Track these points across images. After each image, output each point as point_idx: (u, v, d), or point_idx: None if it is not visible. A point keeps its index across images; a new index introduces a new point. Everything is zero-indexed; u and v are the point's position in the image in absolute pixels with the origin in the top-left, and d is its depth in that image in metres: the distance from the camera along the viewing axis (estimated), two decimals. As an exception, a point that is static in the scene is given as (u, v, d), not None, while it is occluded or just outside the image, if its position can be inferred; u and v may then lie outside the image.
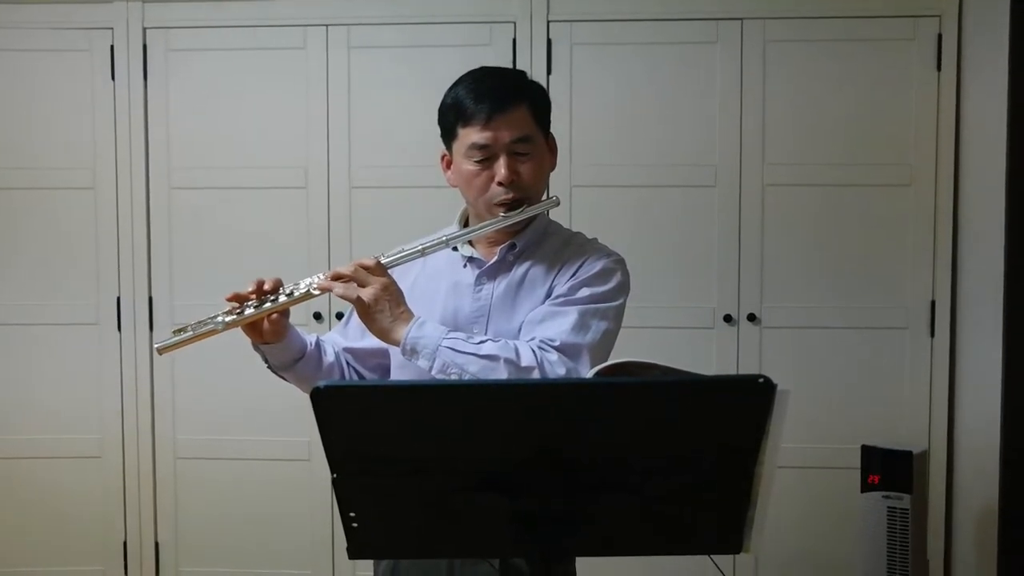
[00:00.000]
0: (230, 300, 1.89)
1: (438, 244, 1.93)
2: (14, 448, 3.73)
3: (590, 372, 1.69)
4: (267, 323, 1.91)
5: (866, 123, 3.52)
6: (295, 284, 1.90)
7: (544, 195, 2.01)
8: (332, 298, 3.35)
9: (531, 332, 1.89)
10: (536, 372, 1.80)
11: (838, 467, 3.51)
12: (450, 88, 1.96)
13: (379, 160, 3.63)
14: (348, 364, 2.10)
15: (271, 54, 3.64)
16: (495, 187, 1.92)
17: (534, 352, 1.82)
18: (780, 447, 1.41)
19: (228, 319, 1.86)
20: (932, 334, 3.52)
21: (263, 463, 3.69)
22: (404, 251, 1.91)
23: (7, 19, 3.66)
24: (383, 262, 1.88)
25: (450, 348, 1.82)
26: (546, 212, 2.06)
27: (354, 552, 1.50)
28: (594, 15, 3.56)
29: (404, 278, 1.95)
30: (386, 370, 2.07)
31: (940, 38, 3.46)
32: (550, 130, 2.01)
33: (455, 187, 2.00)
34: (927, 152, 3.49)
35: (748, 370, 3.50)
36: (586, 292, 1.92)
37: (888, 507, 3.32)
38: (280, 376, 2.04)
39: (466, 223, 2.02)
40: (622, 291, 1.97)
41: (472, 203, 1.98)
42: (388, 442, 1.40)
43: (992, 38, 3.39)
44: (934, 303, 3.52)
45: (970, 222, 3.49)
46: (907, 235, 3.52)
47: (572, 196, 3.53)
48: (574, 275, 1.95)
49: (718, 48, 3.54)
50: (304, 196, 3.65)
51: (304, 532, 3.70)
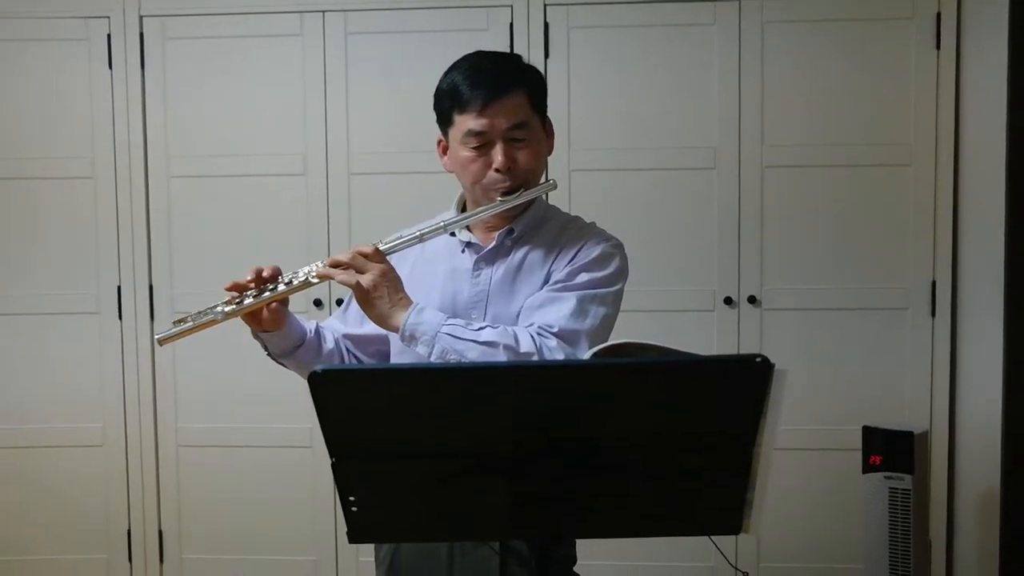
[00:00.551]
0: (229, 290, 1.89)
1: (436, 230, 1.92)
2: (17, 437, 3.74)
3: (588, 353, 1.69)
4: (266, 311, 1.91)
5: (865, 103, 3.51)
6: (294, 272, 1.90)
7: (542, 179, 2.01)
8: (332, 285, 3.35)
9: (530, 318, 1.89)
10: (535, 358, 1.80)
11: (839, 448, 3.52)
12: (445, 73, 1.95)
13: (377, 146, 3.62)
14: (348, 351, 2.10)
15: (268, 41, 3.63)
16: (492, 173, 1.91)
17: (533, 338, 1.82)
18: (779, 427, 1.41)
19: (228, 309, 1.86)
20: (933, 314, 3.52)
21: (265, 450, 3.70)
22: (402, 237, 1.91)
23: (4, 8, 3.65)
24: (381, 249, 1.88)
25: (449, 334, 1.82)
26: (544, 196, 2.06)
27: (354, 536, 1.50)
28: (591, -2, 3.55)
29: (402, 264, 1.95)
30: (386, 356, 2.07)
31: (939, 17, 3.45)
32: (547, 114, 2.01)
33: (451, 172, 2.00)
34: (927, 132, 3.48)
35: (749, 352, 3.50)
36: (585, 277, 1.92)
37: (890, 488, 3.31)
38: (280, 363, 2.05)
39: (463, 208, 2.02)
40: (621, 276, 1.97)
41: (469, 189, 1.98)
42: (387, 426, 1.41)
43: (991, 16, 3.37)
44: (935, 283, 3.51)
45: (970, 201, 3.48)
46: (907, 215, 3.52)
47: (571, 180, 3.53)
48: (572, 260, 1.95)
49: (716, 29, 3.52)
50: (303, 183, 3.65)
51: (306, 518, 3.71)
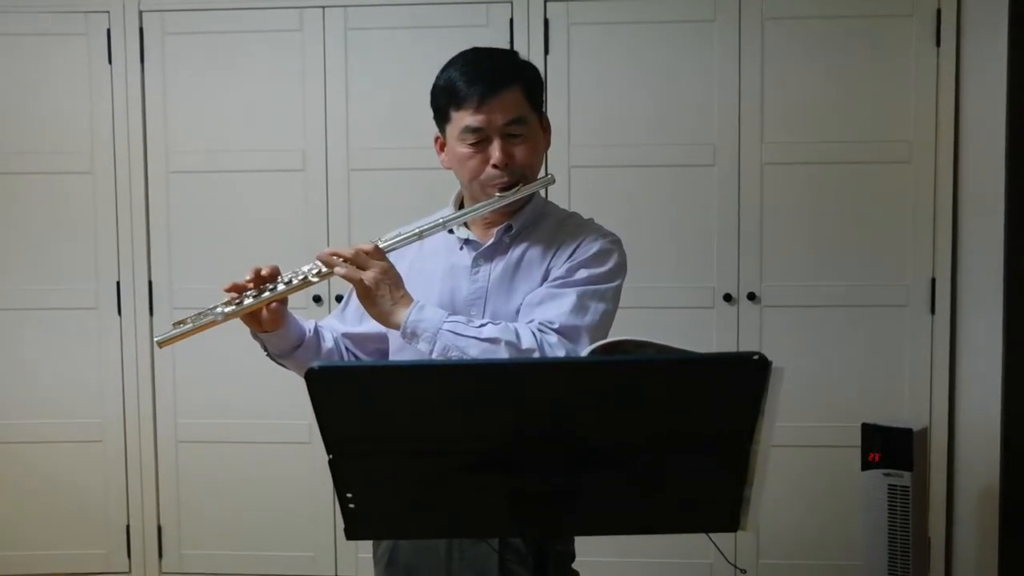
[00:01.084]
0: (228, 291, 1.88)
1: (435, 227, 1.92)
2: (16, 433, 3.74)
3: (586, 351, 1.69)
4: (266, 312, 1.90)
5: (865, 100, 3.50)
6: (293, 272, 1.89)
7: (540, 175, 2.00)
8: (331, 282, 3.34)
9: (530, 314, 1.89)
10: (536, 354, 1.80)
11: (838, 445, 3.52)
12: (442, 70, 1.95)
13: (377, 142, 3.62)
14: (347, 349, 2.10)
15: (268, 36, 3.63)
16: (490, 170, 1.91)
17: (534, 334, 1.82)
18: (776, 424, 1.41)
19: (227, 310, 1.86)
20: (932, 312, 3.52)
21: (264, 446, 3.70)
22: (401, 235, 1.91)
23: (4, 3, 3.65)
24: (381, 246, 1.88)
25: (451, 331, 1.81)
26: (543, 193, 2.06)
27: (351, 533, 1.50)
28: (591, -6, 3.55)
29: (400, 262, 1.94)
30: (385, 355, 2.06)
31: (939, 13, 3.44)
32: (544, 110, 2.01)
33: (449, 169, 2.00)
34: (926, 129, 3.48)
35: (748, 349, 3.50)
36: (584, 273, 1.92)
37: (889, 485, 3.32)
38: (280, 364, 2.04)
39: (461, 205, 2.02)
40: (619, 272, 1.97)
41: (467, 185, 1.97)
42: (384, 422, 1.40)
43: (991, 14, 3.37)
44: (934, 280, 3.51)
45: (970, 198, 3.48)
46: (907, 212, 3.51)
47: (571, 177, 3.53)
48: (571, 256, 1.94)
49: (716, 26, 3.52)
50: (302, 179, 3.65)
51: (305, 514, 3.71)
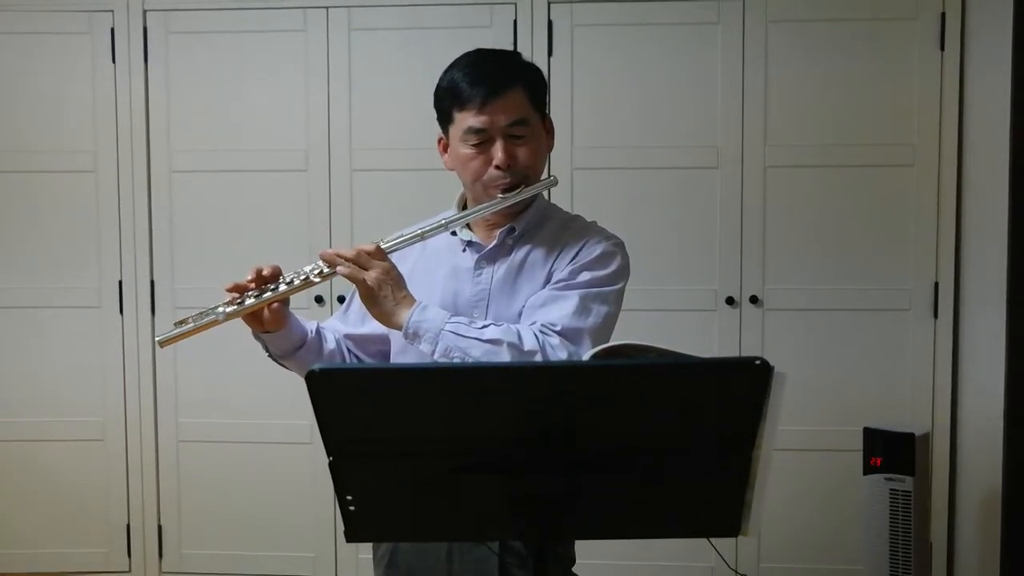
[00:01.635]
0: (230, 291, 1.88)
1: (437, 228, 1.92)
2: (17, 431, 3.74)
3: (587, 355, 1.68)
4: (268, 312, 1.90)
5: (868, 103, 3.50)
6: (295, 272, 1.89)
7: (543, 177, 2.00)
8: (334, 282, 3.33)
9: (532, 316, 1.89)
10: (538, 356, 1.80)
11: (840, 449, 3.51)
12: (445, 71, 1.95)
13: (380, 142, 3.62)
14: (349, 351, 2.09)
15: (272, 36, 3.63)
16: (492, 171, 1.91)
17: (536, 336, 1.82)
18: (778, 429, 1.40)
19: (229, 310, 1.86)
20: (935, 315, 3.51)
21: (265, 446, 3.70)
22: (403, 236, 1.91)
23: (8, 2, 3.66)
24: (383, 247, 1.87)
25: (453, 332, 1.81)
26: (546, 195, 2.05)
27: (351, 535, 1.50)
28: (595, -4, 3.54)
29: (403, 263, 1.94)
30: (387, 356, 2.06)
31: (943, 17, 3.44)
32: (547, 111, 2.00)
33: (452, 170, 1.99)
34: (930, 132, 3.47)
35: (751, 353, 3.49)
36: (587, 276, 1.92)
37: (890, 489, 3.31)
38: (281, 364, 2.04)
39: (464, 207, 2.01)
40: (622, 274, 1.97)
41: (469, 187, 1.97)
42: (384, 425, 1.40)
43: (995, 16, 3.36)
44: (937, 284, 3.50)
45: (973, 202, 3.48)
46: (910, 216, 3.51)
47: (574, 178, 3.52)
48: (574, 259, 1.94)
49: (720, 28, 3.51)
50: (305, 179, 3.64)
51: (306, 515, 3.71)
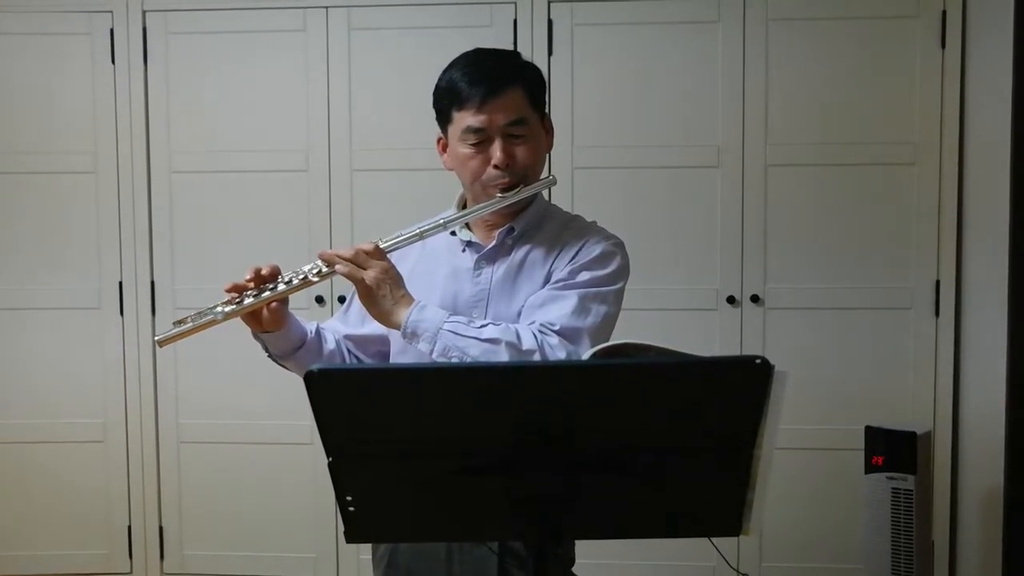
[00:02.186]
0: (229, 291, 1.88)
1: (436, 227, 1.92)
2: (18, 432, 3.74)
3: (587, 354, 1.68)
4: (267, 312, 1.90)
5: (869, 101, 3.49)
6: (294, 272, 1.89)
7: (542, 176, 1.99)
8: (334, 282, 3.34)
9: (531, 316, 1.88)
10: (537, 356, 1.79)
11: (842, 448, 3.50)
12: (444, 71, 1.94)
13: (380, 143, 3.62)
14: (349, 351, 2.09)
15: (271, 36, 3.63)
16: (491, 170, 1.91)
17: (535, 336, 1.82)
18: (779, 429, 1.40)
19: (228, 309, 1.85)
20: (937, 314, 3.51)
21: (266, 447, 3.70)
22: (402, 235, 1.91)
23: (7, 3, 3.65)
24: (382, 246, 1.87)
25: (451, 331, 1.81)
26: (546, 195, 2.05)
27: (351, 536, 1.50)
28: (595, -5, 3.54)
29: (402, 263, 1.94)
30: (386, 357, 2.06)
31: (944, 15, 3.43)
32: (546, 111, 2.00)
33: (451, 170, 1.99)
34: (931, 131, 3.47)
35: (752, 352, 3.49)
36: (586, 276, 1.91)
37: (892, 488, 3.30)
38: (281, 364, 2.03)
39: (463, 207, 2.01)
40: (622, 274, 1.97)
41: (468, 186, 1.97)
42: (383, 425, 1.40)
43: (996, 15, 3.36)
44: (939, 283, 3.50)
45: (975, 201, 3.47)
46: (911, 214, 3.50)
47: (574, 178, 3.52)
48: (574, 259, 1.94)
49: (720, 27, 3.51)
50: (305, 179, 3.64)
51: (307, 515, 3.70)
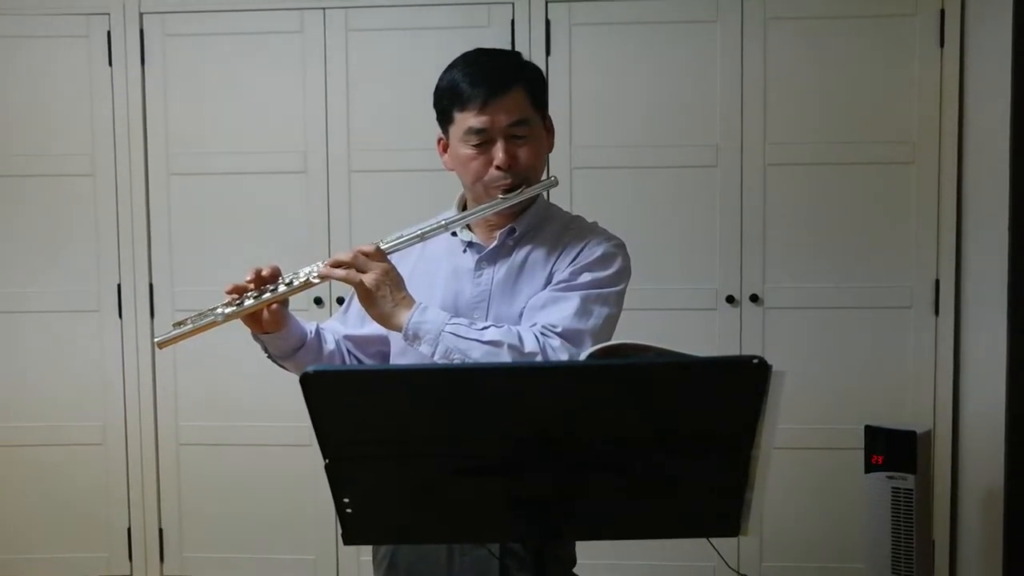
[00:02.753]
0: (229, 292, 1.88)
1: (436, 228, 1.91)
2: (17, 435, 3.73)
3: (585, 354, 1.67)
4: (267, 313, 1.90)
5: (868, 101, 3.49)
6: (294, 273, 1.88)
7: (543, 177, 1.99)
8: (333, 283, 3.33)
9: (533, 318, 1.88)
10: (539, 358, 1.79)
11: (841, 448, 3.50)
12: (445, 71, 1.94)
13: (378, 144, 3.61)
14: (348, 352, 2.09)
15: (268, 38, 3.62)
16: (493, 171, 1.90)
17: (537, 338, 1.82)
18: (777, 428, 1.40)
19: (228, 311, 1.85)
20: (936, 313, 3.51)
21: (265, 449, 3.69)
22: (403, 236, 1.90)
23: (4, 5, 3.65)
24: (382, 248, 1.87)
25: (453, 333, 1.81)
26: (546, 196, 2.05)
27: (349, 538, 1.49)
28: (592, -5, 3.54)
29: (403, 264, 1.93)
30: (386, 357, 2.06)
31: (943, 14, 3.43)
32: (547, 111, 2.00)
33: (451, 171, 1.99)
34: (930, 129, 3.47)
35: (751, 351, 3.49)
36: (588, 277, 1.91)
37: (892, 488, 3.30)
38: (281, 365, 2.03)
39: (464, 208, 2.01)
40: (623, 276, 1.97)
41: (470, 187, 1.96)
42: (380, 427, 1.39)
43: (995, 13, 3.35)
44: (938, 282, 3.50)
45: (974, 199, 3.47)
46: (910, 213, 3.50)
47: (573, 178, 3.52)
48: (575, 260, 1.94)
49: (718, 26, 3.51)
50: (303, 180, 3.64)
51: (307, 517, 3.70)
